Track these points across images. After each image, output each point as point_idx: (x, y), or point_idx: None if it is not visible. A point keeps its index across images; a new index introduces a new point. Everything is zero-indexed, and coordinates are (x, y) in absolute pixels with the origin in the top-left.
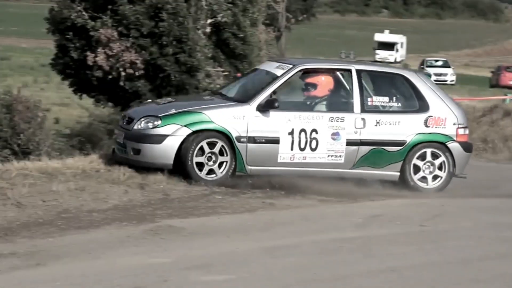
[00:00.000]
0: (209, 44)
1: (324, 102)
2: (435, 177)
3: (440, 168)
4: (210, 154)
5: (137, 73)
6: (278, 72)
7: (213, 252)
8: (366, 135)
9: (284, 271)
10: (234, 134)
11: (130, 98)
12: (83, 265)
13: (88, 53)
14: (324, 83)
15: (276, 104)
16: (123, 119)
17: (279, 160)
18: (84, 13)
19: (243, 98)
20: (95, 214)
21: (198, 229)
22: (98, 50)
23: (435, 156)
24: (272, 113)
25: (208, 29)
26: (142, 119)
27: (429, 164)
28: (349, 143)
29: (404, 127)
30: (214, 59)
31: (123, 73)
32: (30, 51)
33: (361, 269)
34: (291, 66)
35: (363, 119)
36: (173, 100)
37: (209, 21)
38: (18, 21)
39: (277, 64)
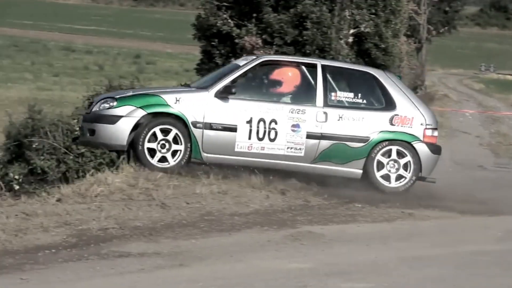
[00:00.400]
0: (351, 54)
1: (289, 95)
2: (400, 177)
3: (405, 168)
4: (163, 142)
5: None
6: (241, 63)
7: (352, 259)
8: (327, 129)
9: (423, 281)
10: (190, 119)
11: None
12: (225, 267)
13: (232, 59)
14: (289, 79)
15: (233, 90)
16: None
17: (236, 149)
18: (229, 20)
19: (203, 86)
20: (236, 218)
21: (338, 236)
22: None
23: (400, 155)
24: (231, 101)
25: (350, 39)
26: (101, 100)
27: (393, 162)
28: (310, 136)
29: (368, 124)
30: None
31: None
32: (175, 56)
33: (500, 283)
34: (254, 57)
35: (325, 113)
36: (138, 88)
37: (351, 31)
38: (164, 27)
39: (245, 56)
